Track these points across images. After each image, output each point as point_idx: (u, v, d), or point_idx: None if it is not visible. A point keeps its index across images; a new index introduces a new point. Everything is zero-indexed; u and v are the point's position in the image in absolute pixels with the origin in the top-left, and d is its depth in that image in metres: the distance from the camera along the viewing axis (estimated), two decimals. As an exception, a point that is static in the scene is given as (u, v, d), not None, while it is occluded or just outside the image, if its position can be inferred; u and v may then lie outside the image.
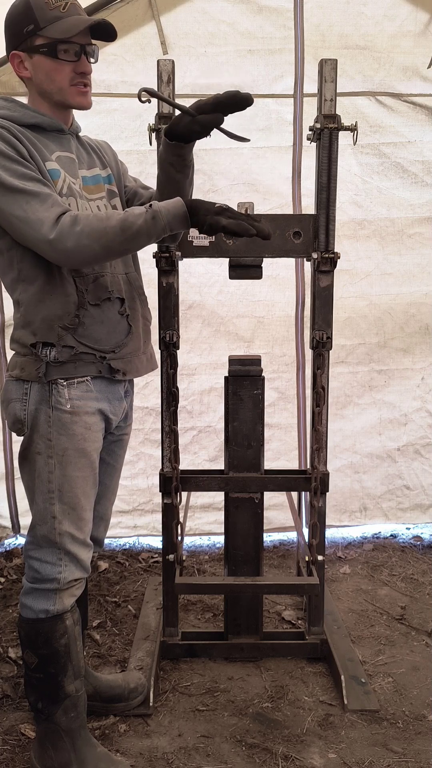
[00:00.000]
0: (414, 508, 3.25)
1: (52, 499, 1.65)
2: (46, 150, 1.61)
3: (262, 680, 2.19)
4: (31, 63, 1.61)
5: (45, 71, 1.60)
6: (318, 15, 2.81)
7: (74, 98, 1.64)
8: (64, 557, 1.67)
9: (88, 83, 1.65)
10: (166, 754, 1.86)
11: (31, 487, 1.68)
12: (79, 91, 1.64)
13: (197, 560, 3.05)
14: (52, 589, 1.67)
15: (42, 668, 1.69)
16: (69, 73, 1.61)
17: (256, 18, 2.82)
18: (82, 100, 1.65)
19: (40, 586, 1.67)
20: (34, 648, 1.69)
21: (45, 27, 1.56)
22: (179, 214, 1.54)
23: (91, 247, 1.50)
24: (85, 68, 1.63)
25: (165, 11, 2.78)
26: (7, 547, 3.13)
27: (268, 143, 2.94)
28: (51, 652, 1.68)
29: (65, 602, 1.69)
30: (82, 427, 1.66)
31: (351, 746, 1.89)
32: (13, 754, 1.86)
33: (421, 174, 2.99)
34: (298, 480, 2.28)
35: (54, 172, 1.60)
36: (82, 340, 1.64)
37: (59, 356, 1.61)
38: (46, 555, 1.67)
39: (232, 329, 3.09)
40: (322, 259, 2.08)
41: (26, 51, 1.60)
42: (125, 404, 1.82)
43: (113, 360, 1.70)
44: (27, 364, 1.63)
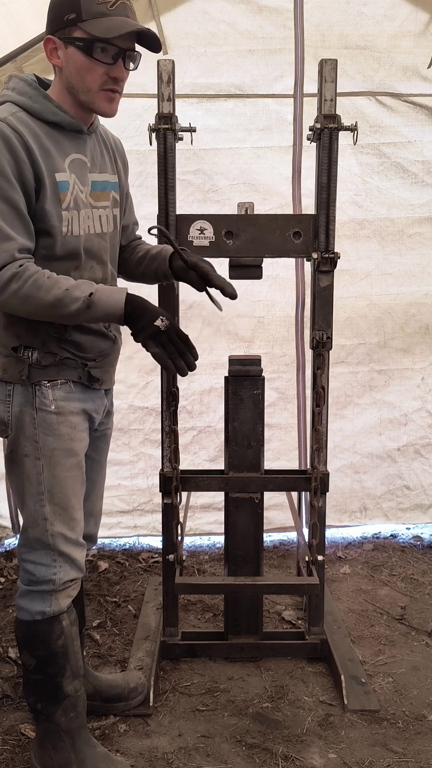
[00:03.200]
0: (414, 508, 3.25)
1: (42, 500, 1.65)
2: (60, 154, 1.55)
3: (262, 680, 2.19)
4: (64, 53, 1.52)
5: (76, 66, 1.52)
6: (318, 15, 2.80)
7: (100, 104, 1.56)
8: (58, 558, 1.67)
9: (119, 90, 1.57)
10: (166, 754, 1.86)
11: (21, 490, 1.67)
12: (107, 97, 1.56)
13: (197, 560, 3.05)
14: (48, 591, 1.66)
15: (40, 669, 1.69)
16: (101, 75, 1.53)
17: (256, 18, 2.82)
18: (107, 107, 1.57)
19: (36, 588, 1.67)
20: (32, 649, 1.69)
21: (87, 20, 1.47)
22: (114, 315, 1.54)
23: (16, 306, 1.50)
24: (119, 74, 1.54)
25: (165, 11, 2.78)
26: (7, 547, 3.13)
27: (268, 143, 2.94)
28: (49, 653, 1.68)
29: (61, 603, 1.68)
30: (68, 426, 1.66)
31: (351, 746, 1.89)
32: (13, 754, 1.86)
33: (421, 174, 2.99)
34: (298, 480, 2.28)
35: (63, 184, 1.54)
36: (65, 347, 1.63)
37: (42, 360, 1.61)
38: (40, 557, 1.66)
39: (232, 329, 3.09)
40: (322, 259, 2.08)
41: (62, 39, 1.51)
42: (106, 402, 1.83)
43: (93, 369, 1.70)
44: (9, 365, 1.62)
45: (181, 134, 2.09)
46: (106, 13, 1.49)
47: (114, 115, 1.61)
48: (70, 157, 1.58)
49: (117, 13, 1.50)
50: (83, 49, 1.50)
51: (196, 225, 2.07)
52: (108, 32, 1.48)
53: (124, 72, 1.56)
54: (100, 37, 1.48)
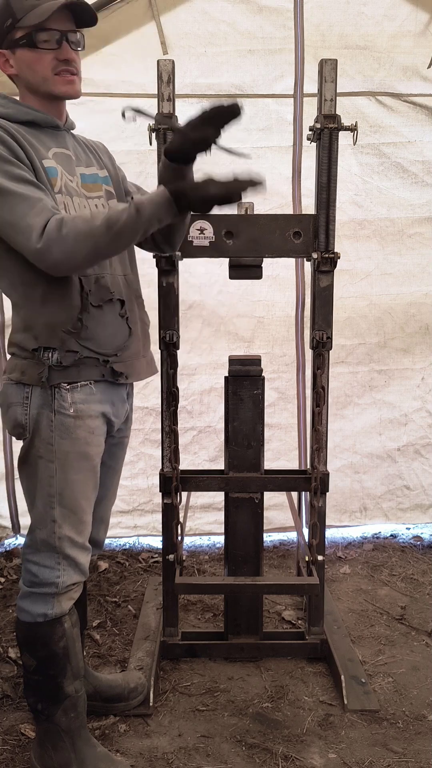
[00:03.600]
0: (414, 508, 3.25)
1: (52, 502, 1.64)
2: (42, 147, 1.58)
3: (262, 680, 2.19)
4: (15, 59, 1.57)
5: (27, 63, 1.56)
6: (318, 15, 2.81)
7: (59, 87, 1.58)
8: (62, 561, 1.66)
9: (75, 71, 1.59)
10: (166, 754, 1.86)
11: (32, 491, 1.67)
12: (65, 80, 1.58)
13: (197, 560, 3.05)
14: (51, 593, 1.66)
15: (41, 671, 1.69)
16: (51, 61, 1.55)
17: (256, 18, 2.82)
18: (68, 89, 1.59)
19: (38, 590, 1.66)
20: (33, 651, 1.68)
21: (22, 18, 1.52)
22: (163, 203, 1.48)
23: (78, 252, 1.47)
24: (67, 55, 1.56)
25: (165, 11, 2.78)
26: (7, 547, 3.13)
27: (268, 143, 2.94)
28: (49, 654, 1.67)
29: (63, 606, 1.68)
30: (85, 431, 1.65)
31: (351, 746, 1.89)
32: (13, 754, 1.86)
33: (421, 174, 2.99)
34: (298, 480, 2.28)
35: (51, 170, 1.57)
36: (85, 344, 1.62)
37: (63, 360, 1.59)
38: (45, 559, 1.66)
39: (232, 329, 3.09)
40: (322, 259, 2.08)
41: (9, 47, 1.57)
42: (127, 406, 1.82)
43: (116, 363, 1.68)
44: (28, 367, 1.61)
45: (181, 134, 2.08)
46: (36, 3, 1.52)
47: (77, 95, 1.62)
48: (52, 151, 1.60)
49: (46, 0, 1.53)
50: (28, 45, 1.54)
51: (196, 225, 2.07)
52: (41, 17, 1.51)
53: (71, 53, 1.58)
54: (37, 24, 1.51)
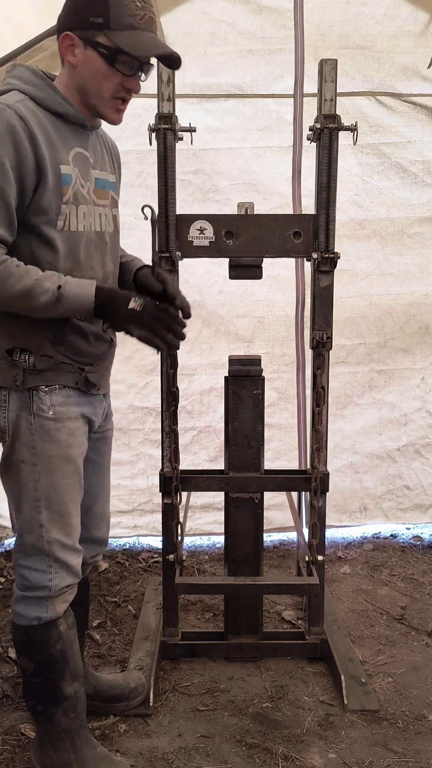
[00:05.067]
0: (414, 508, 3.25)
1: (39, 507, 1.62)
2: (64, 147, 1.52)
3: (262, 680, 2.19)
4: (83, 53, 1.50)
5: (94, 71, 1.50)
6: (318, 15, 2.80)
7: (109, 111, 1.57)
8: (53, 564, 1.65)
9: (128, 100, 1.58)
10: (166, 754, 1.86)
11: (17, 496, 1.64)
12: (116, 107, 1.57)
13: (197, 560, 3.05)
14: (44, 597, 1.65)
15: (39, 673, 1.68)
16: (117, 84, 1.52)
17: (256, 18, 2.81)
18: (116, 116, 1.59)
19: (31, 594, 1.65)
20: (30, 654, 1.67)
21: (115, 30, 1.46)
22: (84, 308, 1.50)
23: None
24: (134, 86, 1.55)
25: (165, 11, 2.78)
26: (7, 547, 3.13)
27: (268, 143, 2.94)
28: (47, 658, 1.66)
29: (57, 609, 1.66)
30: (66, 433, 1.62)
31: (351, 746, 1.89)
32: (13, 754, 1.86)
33: (421, 174, 2.99)
34: (298, 480, 2.28)
35: (66, 177, 1.52)
36: (62, 351, 1.59)
37: (37, 364, 1.56)
38: (36, 563, 1.64)
39: (232, 329, 3.09)
40: (322, 259, 2.08)
41: (83, 39, 1.48)
42: (104, 404, 1.80)
43: (90, 373, 1.66)
44: (2, 369, 1.57)
45: (181, 134, 2.09)
46: (136, 26, 1.47)
47: (119, 123, 1.62)
48: (73, 151, 1.55)
49: (145, 27, 1.49)
50: (106, 57, 1.48)
51: (196, 225, 2.07)
52: (138, 49, 1.47)
53: (138, 85, 1.56)
54: (128, 52, 1.47)
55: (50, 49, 2.76)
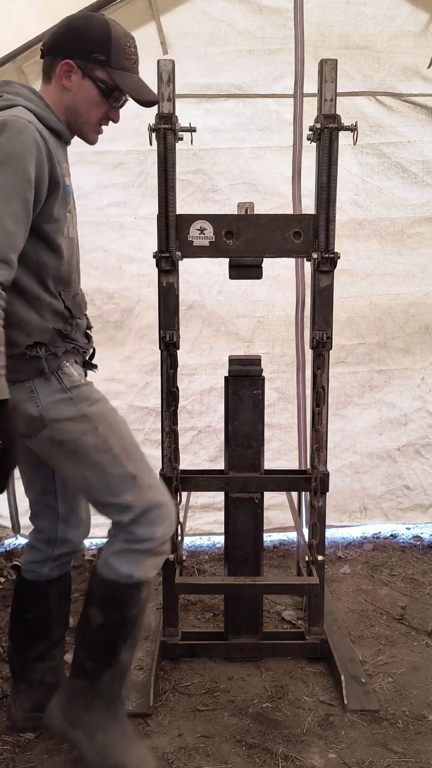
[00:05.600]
0: (414, 508, 3.25)
1: (122, 462, 1.64)
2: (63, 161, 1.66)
3: (262, 680, 2.19)
4: (79, 81, 1.64)
5: (88, 98, 1.66)
6: (318, 15, 2.81)
7: (91, 134, 1.73)
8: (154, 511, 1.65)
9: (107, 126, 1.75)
10: (166, 754, 1.86)
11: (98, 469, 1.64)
12: (98, 131, 1.74)
13: (197, 560, 3.05)
14: (148, 549, 1.65)
15: (105, 631, 1.68)
16: (103, 113, 1.69)
17: (256, 18, 2.82)
18: (95, 138, 1.75)
19: (134, 547, 1.64)
20: (105, 610, 1.67)
21: (115, 69, 1.64)
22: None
23: None
24: (115, 116, 1.73)
25: (165, 11, 2.78)
26: (7, 547, 3.13)
27: (268, 143, 2.94)
28: (120, 618, 1.67)
29: (150, 571, 1.68)
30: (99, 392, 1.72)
31: (351, 746, 1.89)
32: (13, 754, 1.85)
33: (421, 174, 2.99)
34: (298, 480, 2.28)
35: (67, 189, 1.66)
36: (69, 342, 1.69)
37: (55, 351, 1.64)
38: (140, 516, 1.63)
39: (232, 329, 3.09)
40: (322, 259, 2.08)
41: (82, 69, 1.63)
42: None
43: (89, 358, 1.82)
44: (22, 365, 1.60)
45: (181, 134, 2.09)
46: (130, 69, 1.67)
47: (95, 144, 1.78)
48: (65, 165, 1.69)
49: (136, 70, 1.70)
50: (102, 91, 1.66)
51: (196, 225, 2.07)
52: (134, 92, 1.67)
53: (118, 117, 1.75)
54: (126, 92, 1.67)
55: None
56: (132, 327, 3.01)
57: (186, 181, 2.91)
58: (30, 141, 1.50)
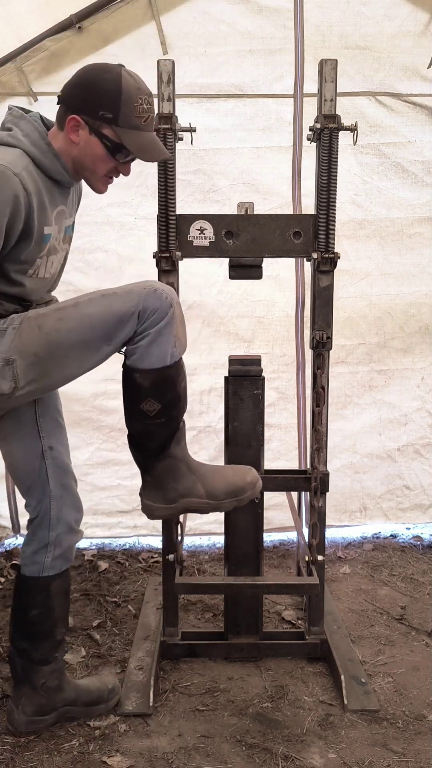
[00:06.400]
0: (414, 508, 3.25)
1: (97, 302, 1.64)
2: (51, 206, 1.66)
3: (262, 680, 2.19)
4: (86, 136, 1.62)
5: (94, 154, 1.64)
6: (318, 15, 2.81)
7: (99, 185, 1.72)
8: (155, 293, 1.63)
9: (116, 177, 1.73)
10: (166, 754, 1.86)
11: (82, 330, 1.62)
12: (106, 182, 1.72)
13: (197, 560, 3.05)
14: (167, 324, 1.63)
15: (164, 413, 1.71)
16: (110, 168, 1.68)
17: (256, 18, 2.82)
18: (103, 189, 1.74)
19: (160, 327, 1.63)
20: (159, 394, 1.68)
21: (122, 127, 1.59)
22: None
23: None
24: (124, 170, 1.71)
25: (165, 11, 2.78)
26: (7, 547, 3.13)
27: (268, 143, 2.94)
28: (174, 396, 1.71)
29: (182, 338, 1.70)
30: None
31: (351, 746, 1.89)
32: (13, 754, 1.86)
33: (421, 174, 2.99)
34: (298, 480, 2.28)
35: (47, 237, 1.65)
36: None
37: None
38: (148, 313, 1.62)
39: (232, 329, 3.09)
40: (322, 259, 2.08)
41: (90, 126, 1.61)
42: None
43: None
44: None
45: (181, 134, 2.09)
46: (141, 127, 1.61)
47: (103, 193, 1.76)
48: (57, 210, 1.69)
49: (148, 128, 1.63)
50: (109, 148, 1.63)
51: (196, 225, 2.07)
52: (141, 152, 1.63)
53: (129, 171, 1.72)
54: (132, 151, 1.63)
55: (50, 50, 2.76)
56: (132, 327, 3.01)
57: (186, 181, 2.91)
58: (8, 193, 1.51)
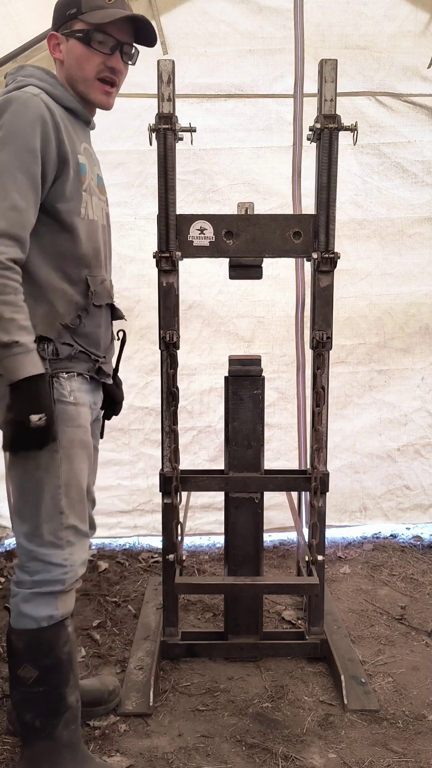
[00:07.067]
0: (414, 508, 3.25)
1: (59, 494, 1.59)
2: (77, 139, 1.61)
3: (262, 680, 2.19)
4: (66, 46, 1.61)
5: (75, 57, 1.60)
6: (318, 15, 2.81)
7: (96, 94, 1.63)
8: (68, 555, 1.60)
9: (116, 83, 1.65)
10: (166, 754, 1.86)
11: (38, 485, 1.58)
12: (103, 89, 1.63)
13: (197, 560, 3.05)
14: (57, 592, 1.59)
15: (43, 681, 1.60)
16: (98, 64, 1.60)
17: (256, 18, 2.82)
18: (102, 98, 1.65)
19: (43, 590, 1.58)
20: (36, 660, 1.59)
21: (86, 13, 1.57)
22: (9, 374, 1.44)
23: None
24: (115, 64, 1.61)
25: (165, 11, 2.78)
26: (7, 547, 3.13)
27: (268, 143, 2.94)
28: (54, 662, 1.60)
29: (68, 605, 1.62)
30: (84, 418, 1.64)
31: (351, 746, 1.89)
32: (13, 754, 1.86)
33: (421, 174, 2.99)
34: (298, 480, 2.28)
35: (83, 167, 1.60)
36: (79, 341, 1.62)
37: (60, 352, 1.58)
38: (51, 554, 1.59)
39: (232, 329, 3.09)
40: (322, 259, 2.08)
41: (64, 34, 1.61)
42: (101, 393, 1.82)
43: (104, 364, 1.71)
44: None
45: (181, 134, 2.09)
46: (104, 6, 1.58)
47: (110, 107, 1.68)
48: (82, 145, 1.64)
49: (114, 6, 1.59)
50: (82, 40, 1.58)
51: (196, 225, 2.07)
52: (104, 19, 1.56)
53: (120, 63, 1.63)
54: (97, 24, 1.56)
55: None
56: (132, 327, 3.02)
57: (186, 181, 2.91)
58: (34, 114, 1.47)
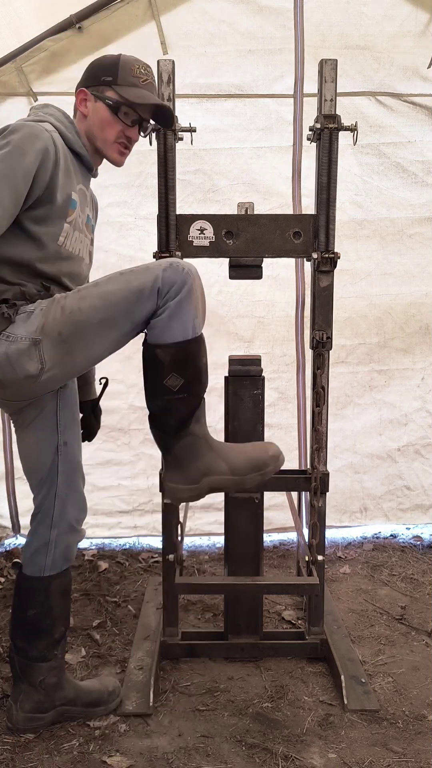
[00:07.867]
0: (414, 509, 3.25)
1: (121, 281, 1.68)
2: (75, 179, 1.79)
3: (262, 680, 2.19)
4: (93, 105, 1.82)
5: (100, 119, 1.81)
6: (318, 15, 2.81)
7: (112, 153, 1.86)
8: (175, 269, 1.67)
9: (129, 148, 1.87)
10: (166, 754, 1.86)
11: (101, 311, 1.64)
12: (119, 149, 1.85)
13: (197, 560, 3.05)
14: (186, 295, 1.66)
15: (186, 388, 1.71)
16: (119, 131, 1.82)
17: (256, 18, 2.82)
18: (117, 157, 1.87)
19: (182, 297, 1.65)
20: (182, 369, 1.69)
21: (121, 86, 1.79)
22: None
23: None
24: (133, 135, 1.85)
25: (165, 11, 2.78)
26: (7, 547, 3.13)
27: (268, 143, 2.94)
28: (196, 370, 1.72)
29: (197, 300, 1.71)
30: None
31: (351, 746, 1.89)
32: (13, 754, 1.85)
33: (421, 174, 2.99)
34: (298, 480, 2.28)
35: (74, 202, 1.77)
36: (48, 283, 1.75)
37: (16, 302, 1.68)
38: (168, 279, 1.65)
39: (232, 329, 3.09)
40: (322, 259, 2.08)
41: (94, 94, 1.81)
42: None
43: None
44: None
45: (181, 134, 2.09)
46: (138, 85, 1.81)
47: (122, 165, 1.90)
48: (78, 186, 1.82)
49: (145, 88, 1.82)
50: (111, 108, 1.80)
51: (196, 225, 2.07)
52: (136, 100, 1.79)
53: (136, 135, 1.87)
54: (129, 101, 1.79)
55: (50, 50, 2.77)
56: (132, 327, 3.01)
57: (186, 181, 2.91)
58: (41, 145, 1.64)
